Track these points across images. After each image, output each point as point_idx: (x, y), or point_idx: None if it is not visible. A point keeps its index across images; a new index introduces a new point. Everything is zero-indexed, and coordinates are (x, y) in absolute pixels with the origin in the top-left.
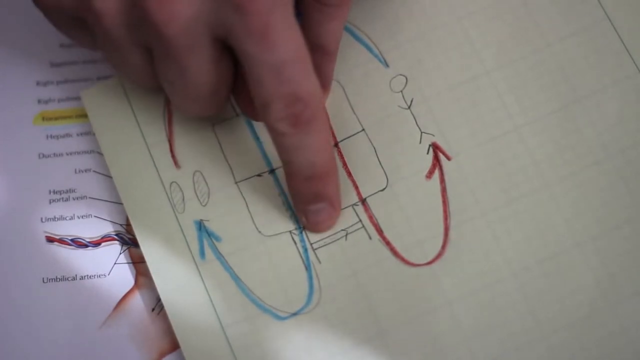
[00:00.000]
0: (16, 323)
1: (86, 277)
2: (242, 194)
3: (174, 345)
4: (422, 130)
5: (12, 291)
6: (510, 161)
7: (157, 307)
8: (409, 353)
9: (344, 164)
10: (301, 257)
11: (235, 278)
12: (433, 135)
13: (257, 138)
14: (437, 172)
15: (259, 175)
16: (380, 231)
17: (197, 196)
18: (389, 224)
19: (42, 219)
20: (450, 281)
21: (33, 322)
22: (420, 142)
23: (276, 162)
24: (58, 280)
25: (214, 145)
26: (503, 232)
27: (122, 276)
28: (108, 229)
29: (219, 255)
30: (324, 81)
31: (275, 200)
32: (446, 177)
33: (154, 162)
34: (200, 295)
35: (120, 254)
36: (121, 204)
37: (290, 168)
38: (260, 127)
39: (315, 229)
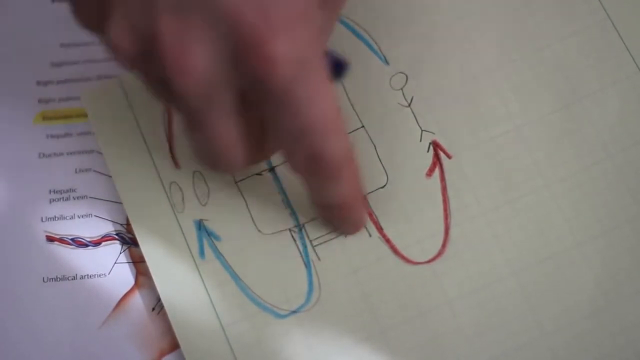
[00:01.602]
0: (16, 322)
1: (86, 277)
2: (241, 193)
3: (174, 345)
4: (423, 128)
5: (12, 291)
6: (511, 160)
7: (157, 306)
8: (409, 351)
9: None
10: (301, 254)
11: (235, 277)
12: (433, 134)
13: None
14: (437, 170)
15: (258, 174)
16: (380, 229)
17: (197, 196)
18: (389, 221)
19: (42, 218)
20: (450, 280)
21: (33, 321)
22: (420, 140)
23: (275, 160)
24: (58, 279)
25: None
26: (503, 231)
27: (123, 276)
28: (108, 228)
29: (219, 255)
30: None
31: (274, 198)
32: (446, 176)
33: (153, 162)
34: (200, 294)
35: (120, 253)
36: (121, 203)
37: (312, 199)
38: None
39: (347, 233)
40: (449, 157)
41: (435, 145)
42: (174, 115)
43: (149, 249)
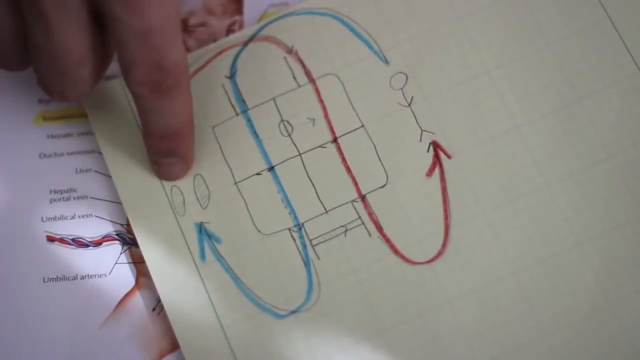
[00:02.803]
0: (16, 323)
1: (87, 277)
2: (241, 194)
3: (175, 346)
4: (423, 128)
5: (12, 291)
6: (511, 160)
7: (158, 307)
8: (409, 351)
9: (343, 160)
10: (300, 254)
11: (235, 279)
12: (433, 134)
13: (256, 136)
14: (437, 170)
15: (258, 174)
16: (380, 228)
17: (197, 199)
18: (389, 221)
19: (42, 218)
20: (450, 279)
21: (33, 321)
22: (420, 140)
23: (275, 159)
24: (58, 279)
25: (214, 147)
26: (504, 231)
27: (123, 276)
28: (109, 228)
29: (220, 257)
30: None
31: (274, 198)
32: (446, 176)
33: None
34: (201, 296)
35: (121, 253)
36: (121, 203)
37: (146, 127)
38: (259, 124)
39: (166, 179)
40: (448, 157)
41: (435, 145)
42: None
43: (149, 251)
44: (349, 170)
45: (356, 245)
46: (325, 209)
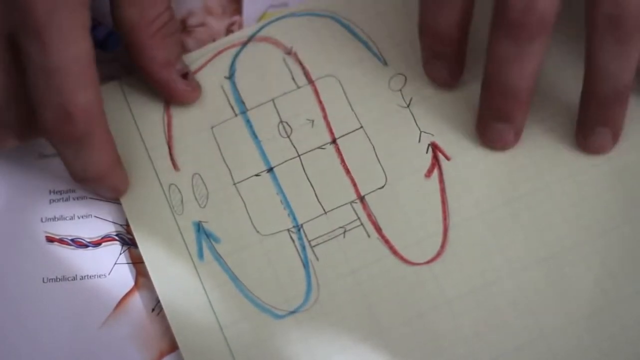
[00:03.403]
0: (16, 323)
1: (86, 277)
2: (240, 195)
3: (174, 346)
4: (422, 130)
5: (12, 291)
6: (509, 161)
7: (157, 307)
8: (408, 352)
9: (342, 161)
10: (299, 255)
11: (234, 278)
12: (432, 135)
13: (255, 137)
14: (436, 171)
15: (257, 175)
16: (379, 229)
17: (195, 198)
18: (388, 222)
19: (42, 219)
20: (449, 280)
21: (33, 322)
22: (419, 141)
23: (274, 160)
24: (58, 280)
25: (212, 147)
26: (502, 232)
27: (122, 276)
28: (108, 229)
29: (218, 256)
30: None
31: (273, 199)
32: (445, 177)
33: (152, 164)
34: (199, 296)
35: (120, 254)
36: (120, 204)
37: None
38: (258, 125)
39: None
40: (447, 158)
41: (434, 147)
42: (174, 118)
43: (147, 250)
44: (347, 171)
45: (355, 246)
46: (324, 210)
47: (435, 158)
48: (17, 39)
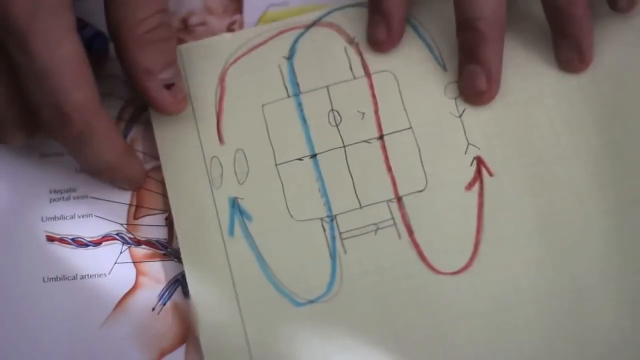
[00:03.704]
0: (16, 322)
1: (87, 277)
2: (280, 177)
3: (175, 345)
4: (470, 142)
5: (12, 290)
6: (552, 188)
7: (158, 306)
8: (419, 358)
9: (386, 158)
10: (328, 245)
11: (260, 259)
12: (479, 149)
13: (304, 121)
14: (477, 185)
15: (299, 159)
16: (410, 232)
17: (235, 174)
18: (421, 226)
19: (42, 218)
20: (472, 295)
21: (33, 321)
22: (465, 153)
23: (319, 147)
24: (58, 279)
25: (260, 125)
26: (532, 257)
27: (123, 276)
28: (109, 228)
29: (248, 235)
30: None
31: (312, 185)
32: (485, 192)
33: (199, 134)
34: (223, 271)
35: (120, 253)
36: (121, 203)
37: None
38: (309, 110)
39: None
40: (490, 174)
41: (479, 161)
42: (227, 91)
43: (180, 217)
44: (389, 169)
45: (385, 245)
46: (360, 204)
47: (478, 172)
48: (4, 45)
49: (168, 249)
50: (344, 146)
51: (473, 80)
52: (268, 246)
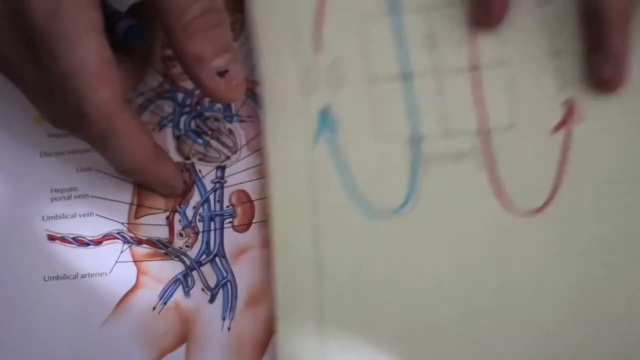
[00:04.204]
0: (17, 321)
1: (87, 276)
2: (371, 92)
3: (175, 344)
4: (563, 84)
5: (13, 289)
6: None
7: (158, 306)
8: (480, 286)
9: (478, 90)
10: (410, 165)
11: (340, 168)
12: (572, 92)
13: (403, 40)
14: (564, 129)
15: (392, 77)
16: (491, 166)
17: (330, 82)
18: (502, 162)
19: (43, 217)
20: (542, 238)
21: (34, 320)
22: (558, 94)
23: (414, 68)
24: (59, 278)
25: (359, 38)
26: (608, 210)
27: (124, 275)
28: (109, 227)
29: (333, 144)
30: None
31: (401, 105)
32: (572, 137)
33: (297, 40)
34: (302, 175)
35: (121, 252)
36: (122, 202)
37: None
38: (409, 30)
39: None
40: (580, 119)
41: (571, 104)
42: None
43: (270, 117)
44: (480, 101)
45: (463, 175)
46: (446, 131)
47: (568, 115)
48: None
49: (169, 248)
50: (439, 71)
51: (600, 69)
52: (350, 158)
